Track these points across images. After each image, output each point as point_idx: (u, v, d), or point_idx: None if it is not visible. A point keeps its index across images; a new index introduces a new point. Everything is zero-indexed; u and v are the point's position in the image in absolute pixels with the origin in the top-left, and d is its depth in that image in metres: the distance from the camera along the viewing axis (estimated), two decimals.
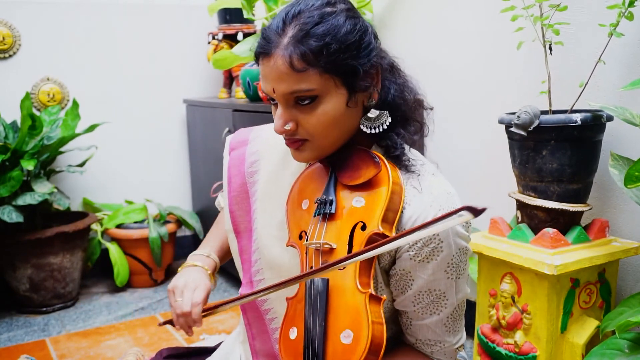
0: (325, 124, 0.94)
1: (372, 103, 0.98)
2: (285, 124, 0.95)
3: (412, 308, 0.98)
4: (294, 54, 0.90)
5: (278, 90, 0.93)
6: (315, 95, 0.92)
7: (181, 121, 3.26)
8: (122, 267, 2.79)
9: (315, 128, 0.94)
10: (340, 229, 0.94)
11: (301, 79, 0.91)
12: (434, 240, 0.92)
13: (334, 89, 0.93)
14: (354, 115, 0.98)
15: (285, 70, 0.91)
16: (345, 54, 0.92)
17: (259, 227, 1.12)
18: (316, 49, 0.90)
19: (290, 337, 0.93)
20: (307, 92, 0.92)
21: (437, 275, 0.95)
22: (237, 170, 1.18)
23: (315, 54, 0.90)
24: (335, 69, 0.91)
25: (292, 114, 0.95)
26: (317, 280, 0.91)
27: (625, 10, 1.42)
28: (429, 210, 0.93)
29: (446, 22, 2.10)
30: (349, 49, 0.92)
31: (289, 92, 0.92)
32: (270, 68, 0.93)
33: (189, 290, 1.07)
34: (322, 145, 0.97)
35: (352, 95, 0.95)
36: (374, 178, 0.94)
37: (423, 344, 1.02)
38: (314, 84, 0.91)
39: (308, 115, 0.94)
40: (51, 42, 2.88)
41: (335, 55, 0.91)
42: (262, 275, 1.11)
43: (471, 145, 2.05)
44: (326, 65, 0.91)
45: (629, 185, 1.19)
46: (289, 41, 0.91)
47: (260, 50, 0.95)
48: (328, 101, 0.93)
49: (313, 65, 0.90)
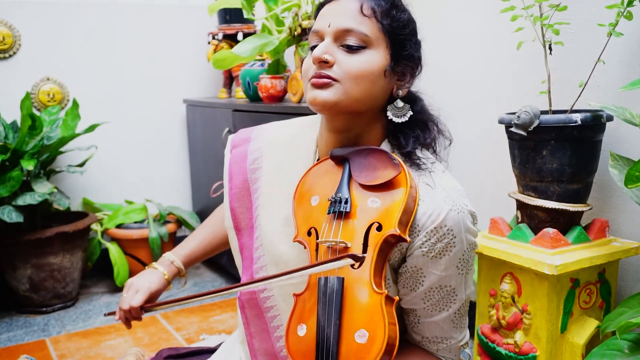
0: (361, 72, 0.96)
1: (399, 94, 1.02)
2: (326, 52, 0.97)
3: (422, 305, 0.99)
4: (366, 2, 0.97)
5: (335, 24, 0.97)
6: (365, 44, 0.97)
7: (181, 121, 3.26)
8: (122, 267, 2.80)
9: (351, 71, 0.96)
10: (355, 228, 0.94)
11: (362, 22, 0.96)
12: (447, 235, 0.94)
13: (382, 48, 0.98)
14: (384, 90, 1.00)
15: (353, 10, 0.97)
16: (404, 30, 1.00)
17: (263, 224, 1.12)
18: (385, 9, 0.98)
19: (298, 333, 0.93)
20: (361, 36, 0.96)
21: (449, 271, 0.96)
22: (239, 167, 1.18)
23: (383, 12, 0.98)
24: (391, 33, 0.98)
25: (334, 51, 0.98)
26: (332, 279, 0.91)
27: (624, 9, 1.42)
28: (443, 205, 0.94)
29: (446, 22, 2.10)
30: (408, 27, 1.01)
31: (345, 29, 0.97)
32: (338, 6, 0.99)
33: (131, 291, 1.25)
34: (349, 92, 0.96)
35: (392, 67, 0.99)
36: (392, 180, 0.95)
37: (429, 342, 1.02)
38: (371, 32, 0.97)
39: (350, 56, 0.97)
40: (51, 42, 2.89)
41: (398, 24, 0.99)
42: (266, 271, 1.11)
43: (471, 145, 2.05)
44: (387, 26, 0.98)
45: (629, 185, 1.19)
46: None
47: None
48: (372, 55, 0.97)
49: (377, 18, 0.97)
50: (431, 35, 2.18)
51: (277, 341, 1.11)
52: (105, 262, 2.90)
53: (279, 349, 1.11)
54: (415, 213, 0.95)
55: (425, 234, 0.94)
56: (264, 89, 2.40)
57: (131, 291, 1.25)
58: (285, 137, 1.17)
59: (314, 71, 0.97)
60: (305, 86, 1.00)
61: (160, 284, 1.28)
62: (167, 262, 1.31)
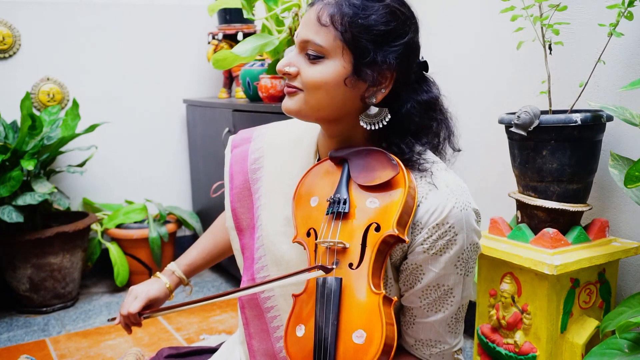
0: (316, 83, 0.96)
1: (372, 101, 0.98)
2: (287, 64, 0.99)
3: (419, 304, 0.99)
4: (325, 9, 0.96)
5: (299, 34, 0.99)
6: (322, 54, 0.96)
7: (181, 121, 3.26)
8: (122, 267, 2.80)
9: (308, 82, 0.97)
10: (354, 228, 0.94)
11: (319, 32, 0.96)
12: (449, 232, 0.94)
13: (340, 58, 0.96)
14: (350, 98, 0.98)
15: (313, 19, 0.96)
16: (365, 35, 0.95)
17: (264, 224, 1.12)
18: (344, 14, 0.95)
19: (297, 334, 0.93)
20: (317, 47, 0.96)
21: (448, 270, 0.96)
22: (240, 167, 1.18)
23: (341, 17, 0.95)
24: (349, 41, 0.95)
25: (299, 61, 0.99)
26: (330, 279, 0.91)
27: (624, 10, 1.42)
28: (446, 202, 0.94)
29: (446, 22, 2.10)
30: (370, 33, 0.95)
31: (305, 40, 0.97)
32: (308, 14, 0.99)
33: (130, 297, 1.28)
34: (309, 102, 0.98)
35: (355, 76, 0.96)
36: (391, 180, 0.94)
37: (423, 345, 1.01)
38: (326, 42, 0.95)
39: (308, 67, 0.97)
40: (51, 42, 2.89)
41: (356, 29, 0.95)
42: (267, 271, 1.11)
43: (471, 145, 2.04)
44: (344, 33, 0.95)
45: (629, 185, 1.19)
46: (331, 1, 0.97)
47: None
48: (329, 65, 0.96)
49: (334, 26, 0.95)
50: (431, 36, 2.19)
51: (277, 342, 1.11)
52: (105, 262, 2.90)
53: (279, 350, 1.11)
54: (415, 212, 0.94)
55: (428, 231, 0.94)
56: (264, 89, 2.40)
57: (130, 297, 1.28)
58: (286, 137, 1.17)
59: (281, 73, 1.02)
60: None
61: (160, 291, 1.31)
62: (169, 272, 1.35)
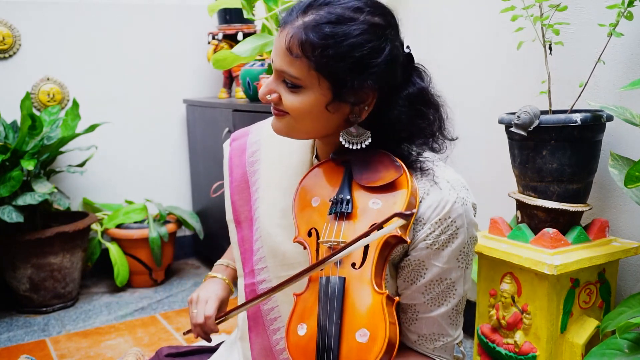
0: (300, 111, 0.96)
1: (356, 119, 0.98)
2: (268, 92, 0.98)
3: (422, 299, 0.99)
4: (295, 38, 0.92)
5: (274, 63, 0.97)
6: (299, 84, 0.94)
7: (181, 121, 3.26)
8: (122, 267, 2.80)
9: (292, 110, 0.96)
10: (356, 229, 0.94)
11: (292, 63, 0.93)
12: (451, 227, 0.95)
13: (317, 87, 0.94)
14: (336, 119, 0.98)
15: (284, 49, 0.94)
16: (338, 63, 0.91)
17: (261, 216, 1.13)
18: (314, 45, 0.90)
19: (298, 333, 0.93)
20: (292, 78, 0.94)
21: (450, 264, 0.97)
22: (239, 160, 1.19)
23: (312, 48, 0.91)
24: (323, 71, 0.92)
25: (278, 87, 0.98)
26: (334, 278, 0.91)
27: (624, 10, 1.42)
28: (448, 198, 0.95)
29: (446, 22, 2.10)
30: (344, 60, 0.91)
31: (280, 70, 0.95)
32: (278, 40, 0.96)
33: (201, 303, 1.19)
34: (296, 126, 0.99)
35: (336, 102, 0.95)
36: (394, 182, 0.95)
37: (426, 340, 1.02)
38: (300, 74, 0.93)
39: (289, 95, 0.96)
40: (51, 42, 2.89)
41: (327, 60, 0.91)
42: (265, 263, 1.12)
43: (471, 145, 2.05)
44: (316, 64, 0.91)
45: (629, 185, 1.19)
46: (300, 25, 0.92)
47: (282, 19, 0.98)
48: (308, 94, 0.94)
49: (306, 56, 0.91)
50: (431, 35, 2.19)
51: (272, 334, 1.11)
52: (105, 262, 2.90)
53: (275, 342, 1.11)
54: (416, 212, 0.95)
55: (430, 226, 0.94)
56: None
57: (200, 303, 1.19)
58: None
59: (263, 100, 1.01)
60: None
61: (225, 290, 1.25)
62: (222, 268, 1.29)
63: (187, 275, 3.07)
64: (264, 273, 1.12)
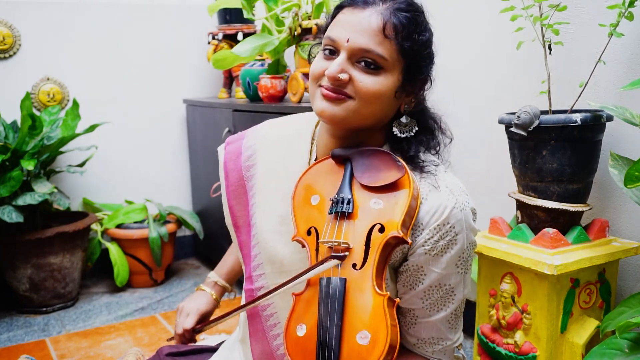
0: (375, 93, 0.95)
1: (407, 109, 1.01)
2: (342, 72, 0.95)
3: (421, 304, 0.99)
4: (390, 20, 0.93)
5: (354, 42, 0.94)
6: (382, 66, 0.94)
7: (181, 121, 3.26)
8: (122, 267, 2.80)
9: (366, 91, 0.94)
10: (357, 229, 0.94)
11: (382, 44, 0.93)
12: (449, 233, 0.94)
13: (397, 71, 0.96)
14: (393, 107, 1.00)
15: (375, 28, 0.93)
16: (423, 51, 0.97)
17: (258, 222, 1.12)
18: (408, 30, 0.94)
19: (297, 333, 0.92)
20: (378, 58, 0.94)
21: (449, 270, 0.97)
22: (234, 164, 1.18)
23: (405, 33, 0.94)
24: (409, 56, 0.95)
25: (351, 68, 0.96)
26: (334, 279, 0.91)
27: (625, 10, 1.42)
28: (447, 203, 0.95)
29: (446, 22, 2.10)
30: (427, 49, 0.98)
31: (365, 49, 0.93)
32: (359, 20, 0.94)
33: (182, 315, 1.31)
34: (360, 110, 0.96)
35: (404, 88, 0.98)
36: (396, 182, 0.94)
37: (425, 343, 1.02)
38: (389, 55, 0.94)
39: (366, 76, 0.95)
40: (51, 42, 2.88)
41: (417, 46, 0.96)
42: (262, 269, 1.11)
43: (471, 145, 2.04)
44: (406, 48, 0.94)
45: (629, 185, 1.19)
46: (388, 6, 0.94)
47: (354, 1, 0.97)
48: (387, 77, 0.95)
49: (398, 40, 0.94)
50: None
51: (273, 340, 1.11)
52: (105, 262, 2.90)
53: (276, 348, 1.11)
54: (418, 214, 0.95)
55: (429, 232, 0.94)
56: (264, 89, 2.40)
57: (182, 315, 1.31)
58: (279, 134, 1.17)
59: (327, 83, 0.95)
60: (313, 91, 0.99)
61: (209, 304, 1.34)
62: (212, 283, 1.36)
63: (187, 275, 3.07)
64: (261, 280, 1.11)
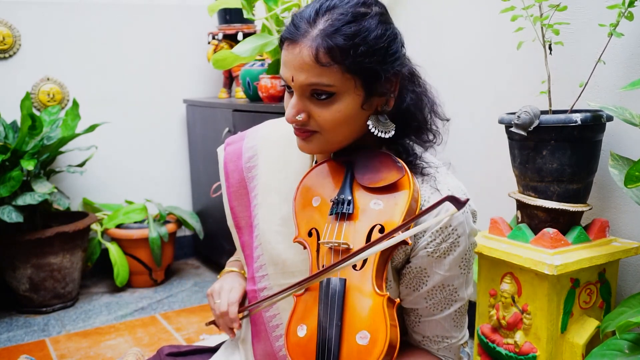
0: (337, 121, 0.94)
1: (386, 109, 0.98)
2: (297, 113, 0.95)
3: (424, 305, 0.99)
4: (321, 47, 0.90)
5: (297, 80, 0.93)
6: (333, 92, 0.92)
7: (181, 121, 3.26)
8: (122, 267, 2.80)
9: (327, 123, 0.94)
10: (357, 230, 0.94)
11: (323, 73, 0.91)
12: (452, 235, 0.94)
13: (352, 89, 0.93)
14: (366, 117, 0.98)
15: (309, 62, 0.90)
16: (371, 58, 0.92)
17: (261, 223, 1.12)
18: (344, 47, 0.90)
19: (298, 334, 0.93)
20: (325, 87, 0.91)
21: (453, 271, 0.97)
22: (235, 165, 1.17)
23: (342, 51, 0.90)
24: (358, 71, 0.91)
25: (306, 105, 0.95)
26: (334, 280, 0.91)
27: (625, 10, 1.42)
28: (448, 206, 0.94)
29: (446, 22, 2.10)
30: (375, 54, 0.92)
31: (308, 84, 0.92)
32: (294, 56, 0.92)
33: (225, 291, 1.14)
34: (331, 140, 0.97)
35: (369, 98, 0.95)
36: (396, 183, 0.94)
37: (430, 341, 1.02)
38: (334, 81, 0.91)
39: (322, 109, 0.94)
40: (51, 42, 2.89)
41: (361, 58, 0.91)
42: (265, 270, 1.11)
43: (471, 145, 2.05)
44: (350, 66, 0.90)
45: (629, 185, 1.19)
46: (318, 34, 0.90)
47: (288, 36, 0.94)
48: (344, 100, 0.93)
49: (337, 62, 0.90)
50: (431, 35, 2.19)
51: (275, 341, 1.11)
52: (105, 262, 2.90)
53: (278, 349, 1.11)
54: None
55: (431, 234, 0.94)
56: (264, 89, 2.40)
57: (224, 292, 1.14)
58: (280, 134, 1.16)
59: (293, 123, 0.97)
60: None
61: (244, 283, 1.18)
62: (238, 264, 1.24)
63: (187, 276, 3.07)
64: (264, 281, 1.11)
